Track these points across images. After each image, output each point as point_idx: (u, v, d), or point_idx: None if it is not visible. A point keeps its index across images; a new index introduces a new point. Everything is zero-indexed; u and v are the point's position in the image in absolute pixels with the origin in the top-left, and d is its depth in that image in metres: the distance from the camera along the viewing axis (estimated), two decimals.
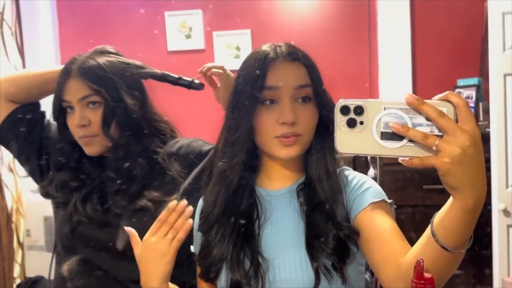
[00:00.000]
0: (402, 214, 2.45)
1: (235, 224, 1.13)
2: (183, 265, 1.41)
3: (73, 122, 1.36)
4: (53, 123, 1.49)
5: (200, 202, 1.25)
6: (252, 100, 1.08)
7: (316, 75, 1.12)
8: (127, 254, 1.38)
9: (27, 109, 1.51)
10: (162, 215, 1.11)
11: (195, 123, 1.61)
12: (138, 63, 1.46)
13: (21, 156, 1.56)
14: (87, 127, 1.36)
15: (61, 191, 1.45)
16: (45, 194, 1.49)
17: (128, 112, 1.37)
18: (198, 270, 1.21)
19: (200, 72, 1.52)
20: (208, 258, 1.15)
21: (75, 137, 1.39)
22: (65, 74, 1.38)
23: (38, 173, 1.53)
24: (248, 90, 1.09)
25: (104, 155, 1.43)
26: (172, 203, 1.12)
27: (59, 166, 1.46)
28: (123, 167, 1.39)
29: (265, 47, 1.13)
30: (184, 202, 1.12)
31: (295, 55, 1.12)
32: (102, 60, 1.38)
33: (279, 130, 1.07)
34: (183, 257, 1.40)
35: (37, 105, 1.57)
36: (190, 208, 1.12)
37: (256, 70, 1.09)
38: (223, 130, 1.17)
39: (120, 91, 1.36)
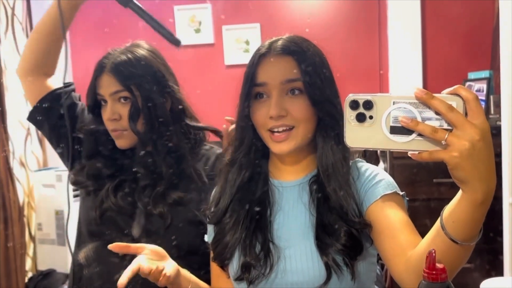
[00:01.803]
0: (412, 208, 2.44)
1: (248, 211, 1.15)
2: (199, 252, 1.43)
3: (105, 115, 1.41)
4: (87, 110, 1.53)
5: (211, 197, 1.27)
6: (244, 95, 1.13)
7: (308, 68, 1.11)
8: (142, 241, 1.40)
9: (61, 93, 1.54)
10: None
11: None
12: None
13: (52, 139, 1.60)
14: (118, 121, 1.40)
15: (93, 179, 1.48)
16: (75, 182, 1.52)
17: (156, 109, 1.40)
18: (211, 254, 1.23)
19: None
20: (221, 242, 1.17)
21: (108, 130, 1.44)
22: (100, 68, 1.42)
23: (67, 157, 1.55)
24: (242, 86, 1.14)
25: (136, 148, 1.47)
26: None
27: (92, 154, 1.50)
28: (149, 162, 1.43)
29: (266, 42, 1.16)
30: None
31: (287, 49, 1.12)
32: (135, 55, 1.43)
33: (269, 124, 1.10)
34: (198, 244, 1.43)
35: (71, 90, 1.60)
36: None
37: (249, 66, 1.13)
38: (236, 123, 1.21)
39: (150, 88, 1.39)
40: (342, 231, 1.06)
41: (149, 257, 1.09)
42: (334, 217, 1.08)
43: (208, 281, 1.51)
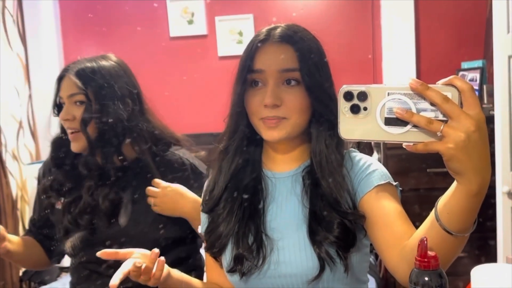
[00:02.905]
0: (406, 197, 2.46)
1: (241, 201, 1.15)
2: (186, 241, 1.45)
3: (60, 115, 1.47)
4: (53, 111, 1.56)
5: (206, 184, 1.26)
6: (240, 82, 1.11)
7: (306, 58, 1.10)
8: (130, 230, 1.41)
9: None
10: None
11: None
12: (132, 88, 1.50)
13: None
14: (71, 121, 1.44)
15: (54, 191, 1.53)
16: (50, 188, 1.56)
17: (109, 115, 1.43)
18: (205, 244, 1.22)
19: None
20: (215, 233, 1.16)
21: (66, 132, 1.47)
22: (63, 71, 1.48)
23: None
24: (238, 73, 1.12)
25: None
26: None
27: (61, 159, 1.55)
28: (96, 166, 1.46)
29: (264, 29, 1.14)
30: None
31: (286, 37, 1.10)
32: (98, 64, 1.47)
33: (263, 113, 1.09)
34: (186, 233, 1.45)
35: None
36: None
37: (246, 53, 1.11)
38: (229, 112, 1.19)
39: (106, 95, 1.43)
40: (335, 223, 1.06)
41: (139, 260, 1.07)
42: (327, 208, 1.08)
43: (197, 267, 1.52)
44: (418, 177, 2.71)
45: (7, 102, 3.25)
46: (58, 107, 1.51)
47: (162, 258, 1.09)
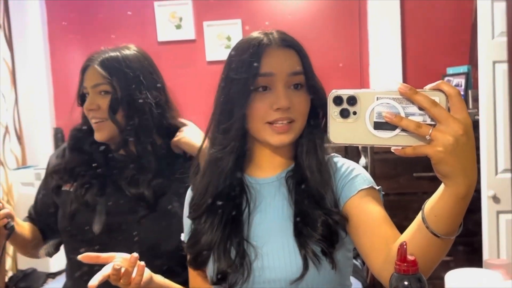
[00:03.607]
0: (393, 202, 2.47)
1: (223, 212, 1.13)
2: (161, 248, 1.43)
3: (85, 105, 1.46)
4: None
5: (189, 191, 1.25)
6: (246, 87, 1.08)
7: (307, 62, 1.12)
8: (104, 237, 1.40)
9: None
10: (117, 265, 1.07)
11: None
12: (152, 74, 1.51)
13: None
14: (96, 111, 1.44)
15: (69, 172, 1.51)
16: (54, 172, 1.55)
17: (135, 105, 1.43)
18: (188, 257, 1.20)
19: None
20: (196, 246, 1.14)
21: (90, 121, 1.47)
22: (87, 62, 1.48)
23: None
24: (242, 77, 1.08)
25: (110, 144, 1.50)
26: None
27: (73, 149, 1.54)
28: (131, 153, 1.46)
29: (256, 34, 1.13)
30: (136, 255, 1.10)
31: (288, 41, 1.12)
32: (121, 54, 1.47)
33: (273, 116, 1.07)
34: (162, 240, 1.43)
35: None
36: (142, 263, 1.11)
37: (250, 56, 1.08)
38: (214, 118, 1.16)
39: (131, 84, 1.44)
40: (320, 221, 1.06)
41: (118, 263, 1.06)
42: (313, 208, 1.08)
43: (176, 273, 1.50)
44: (405, 181, 2.73)
45: None
46: (81, 97, 1.50)
47: (142, 263, 1.08)
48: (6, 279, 3.16)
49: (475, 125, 2.44)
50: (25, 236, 1.49)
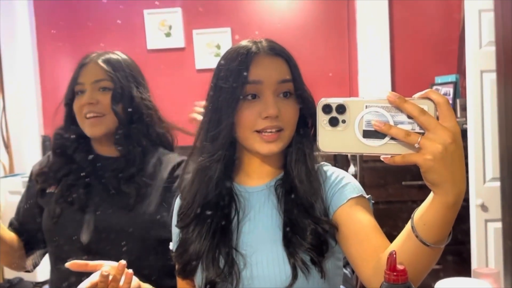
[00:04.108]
0: (382, 210, 2.48)
1: (212, 221, 1.12)
2: (149, 258, 1.42)
3: (80, 102, 1.45)
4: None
5: (178, 200, 1.24)
6: (235, 95, 1.07)
7: (296, 70, 1.13)
8: (92, 248, 1.39)
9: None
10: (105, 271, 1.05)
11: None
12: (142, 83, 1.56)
13: None
14: (94, 105, 1.44)
15: (53, 174, 1.51)
16: (39, 174, 1.56)
17: (134, 102, 1.48)
18: (176, 267, 1.20)
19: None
20: (184, 255, 1.14)
21: (81, 119, 1.47)
22: (86, 58, 1.50)
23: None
24: (230, 85, 1.08)
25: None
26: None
27: (58, 153, 1.54)
28: (127, 146, 1.48)
29: (245, 43, 1.13)
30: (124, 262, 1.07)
31: (276, 50, 1.12)
32: (119, 56, 1.54)
33: (261, 124, 1.07)
34: (149, 250, 1.42)
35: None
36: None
37: (238, 64, 1.08)
38: (202, 126, 1.16)
39: (130, 83, 1.49)
40: (309, 230, 1.06)
41: (106, 269, 1.05)
42: (302, 217, 1.08)
43: (165, 282, 1.48)
44: (394, 190, 2.74)
45: None
46: (70, 97, 1.50)
47: (130, 270, 1.07)
48: None
49: (463, 134, 2.45)
50: (10, 243, 1.48)
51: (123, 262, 1.06)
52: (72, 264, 1.08)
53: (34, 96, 3.58)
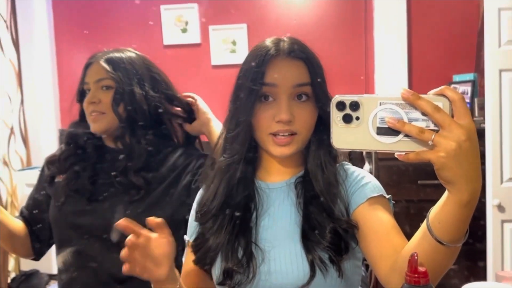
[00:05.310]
0: (397, 209, 2.45)
1: (232, 215, 1.13)
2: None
3: (86, 99, 1.52)
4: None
5: (200, 193, 1.25)
6: (251, 96, 1.08)
7: (317, 72, 1.11)
8: (122, 246, 1.40)
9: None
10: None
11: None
12: (158, 77, 1.58)
13: None
14: (96, 104, 1.49)
15: (64, 163, 1.55)
16: (49, 162, 1.61)
17: (136, 101, 1.50)
18: (192, 256, 1.19)
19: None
20: (203, 246, 1.14)
21: (87, 116, 1.52)
22: (91, 59, 1.55)
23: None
24: (247, 86, 1.08)
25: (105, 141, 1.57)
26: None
27: (69, 146, 1.58)
28: (126, 144, 1.51)
29: (268, 42, 1.12)
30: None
31: (296, 52, 1.11)
32: (125, 54, 1.55)
33: (274, 127, 1.08)
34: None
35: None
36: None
37: (256, 65, 1.08)
38: (225, 124, 1.17)
39: (132, 82, 1.51)
40: (328, 228, 1.06)
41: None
42: (321, 214, 1.08)
43: None
44: (409, 189, 2.72)
45: None
46: (81, 94, 1.56)
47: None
48: (9, 280, 3.17)
49: (481, 133, 2.43)
50: (7, 225, 1.49)
51: (159, 219, 1.00)
52: (123, 222, 1.00)
53: (51, 91, 3.62)
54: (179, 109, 1.62)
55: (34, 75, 3.58)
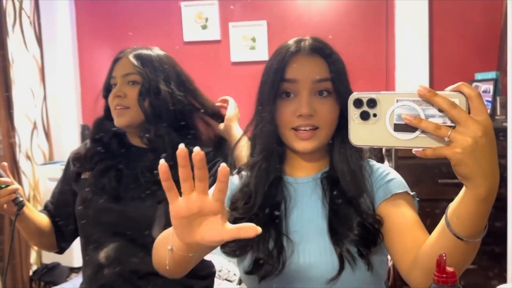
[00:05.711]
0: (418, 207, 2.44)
1: (263, 208, 1.15)
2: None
3: (112, 93, 1.54)
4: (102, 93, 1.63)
5: (235, 180, 1.23)
6: (272, 92, 1.11)
7: (337, 69, 1.13)
8: (143, 243, 1.42)
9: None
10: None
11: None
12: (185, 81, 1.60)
13: None
14: (122, 98, 1.51)
15: (87, 161, 1.57)
16: (75, 159, 1.62)
17: (161, 98, 1.51)
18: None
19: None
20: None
21: (112, 110, 1.54)
22: (120, 54, 1.58)
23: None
24: (269, 82, 1.12)
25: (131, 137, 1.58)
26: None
27: (96, 141, 1.61)
28: (151, 140, 1.52)
29: (291, 41, 1.16)
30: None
31: (316, 49, 1.13)
32: (153, 51, 1.58)
33: (296, 122, 1.10)
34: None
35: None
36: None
37: (277, 63, 1.12)
38: (252, 122, 1.21)
39: (159, 79, 1.53)
40: (356, 222, 1.08)
41: None
42: (347, 208, 1.10)
43: (207, 276, 1.47)
44: (429, 187, 2.70)
45: (22, 103, 3.29)
46: (107, 89, 1.58)
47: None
48: (31, 273, 3.22)
49: (503, 132, 2.40)
50: (34, 220, 1.52)
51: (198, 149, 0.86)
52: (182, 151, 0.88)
53: (74, 86, 3.67)
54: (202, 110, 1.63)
55: (56, 71, 3.63)
